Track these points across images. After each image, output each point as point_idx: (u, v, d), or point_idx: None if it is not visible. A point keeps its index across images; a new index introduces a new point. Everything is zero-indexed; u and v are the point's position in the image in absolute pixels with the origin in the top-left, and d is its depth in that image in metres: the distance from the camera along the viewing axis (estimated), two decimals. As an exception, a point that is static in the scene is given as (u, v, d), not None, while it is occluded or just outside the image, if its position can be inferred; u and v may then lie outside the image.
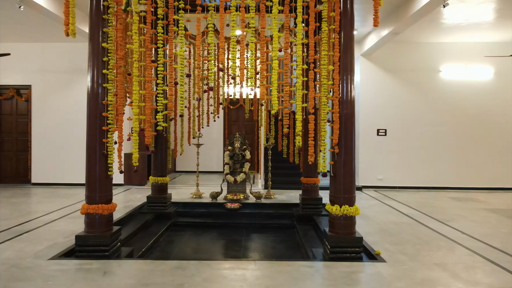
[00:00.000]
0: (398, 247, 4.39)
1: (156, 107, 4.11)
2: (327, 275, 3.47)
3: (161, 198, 6.58)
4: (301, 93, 4.07)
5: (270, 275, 3.48)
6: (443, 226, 5.40)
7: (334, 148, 4.08)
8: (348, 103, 4.10)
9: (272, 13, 4.04)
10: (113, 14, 4.03)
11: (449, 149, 9.07)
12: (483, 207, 6.81)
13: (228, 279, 3.37)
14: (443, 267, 3.72)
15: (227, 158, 7.57)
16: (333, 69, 4.05)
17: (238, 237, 5.92)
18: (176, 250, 5.32)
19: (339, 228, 4.12)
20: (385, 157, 9.16)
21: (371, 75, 9.19)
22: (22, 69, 9.28)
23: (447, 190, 8.85)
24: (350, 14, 4.12)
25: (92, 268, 3.60)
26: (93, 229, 4.12)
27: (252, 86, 4.05)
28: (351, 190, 4.14)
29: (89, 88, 4.09)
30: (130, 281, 3.32)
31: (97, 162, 4.12)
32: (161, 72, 4.09)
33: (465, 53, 9.03)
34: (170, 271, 3.54)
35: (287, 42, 4.07)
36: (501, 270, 3.63)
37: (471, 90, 9.09)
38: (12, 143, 9.58)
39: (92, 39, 4.09)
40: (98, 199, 4.13)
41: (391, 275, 3.49)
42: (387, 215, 6.17)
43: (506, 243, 4.55)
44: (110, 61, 4.05)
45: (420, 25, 7.66)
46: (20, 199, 7.44)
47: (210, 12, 4.12)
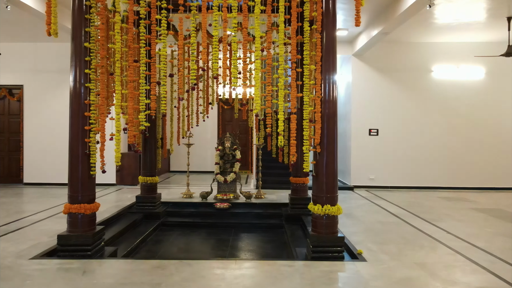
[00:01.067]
0: (381, 246, 4.40)
1: (139, 106, 4.11)
2: (306, 275, 3.47)
3: (150, 198, 6.58)
4: (283, 92, 4.08)
5: (250, 274, 3.49)
6: (429, 225, 5.41)
7: (316, 147, 4.08)
8: (330, 103, 4.11)
9: (255, 13, 4.05)
10: (96, 13, 4.04)
11: (440, 149, 9.09)
12: (471, 207, 6.82)
13: (206, 278, 3.38)
14: (422, 266, 3.72)
15: (217, 158, 7.57)
16: (315, 69, 4.05)
17: (226, 236, 5.92)
18: (163, 249, 5.32)
19: (321, 227, 4.12)
20: (377, 157, 9.16)
21: (363, 75, 9.20)
22: (14, 69, 9.28)
23: (438, 190, 8.86)
24: (332, 14, 4.13)
25: (72, 268, 3.60)
26: (75, 229, 4.11)
27: (234, 86, 4.05)
28: (333, 189, 4.14)
29: (72, 88, 4.09)
30: (108, 280, 3.32)
31: (79, 161, 4.11)
32: (144, 72, 4.09)
33: (457, 53, 9.04)
34: (150, 271, 3.54)
35: (270, 42, 4.07)
36: (480, 270, 3.64)
37: (462, 90, 9.10)
38: (4, 143, 9.58)
39: (74, 38, 4.08)
40: (81, 199, 4.13)
41: (370, 274, 3.50)
42: (375, 214, 6.18)
43: (490, 242, 4.56)
44: (92, 60, 4.05)
45: (411, 25, 7.68)
46: (9, 199, 7.44)
47: (192, 12, 4.12)
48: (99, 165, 4.18)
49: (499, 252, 4.16)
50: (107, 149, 4.21)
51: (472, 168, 9.00)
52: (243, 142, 12.49)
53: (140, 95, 4.09)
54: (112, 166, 9.22)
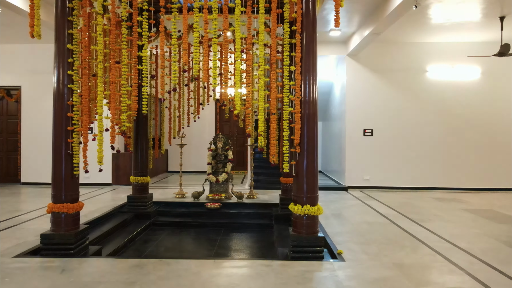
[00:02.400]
0: (363, 246, 4.40)
1: (121, 107, 4.16)
2: (282, 274, 3.49)
3: (142, 198, 6.64)
4: (263, 93, 4.11)
5: (226, 273, 3.51)
6: (416, 226, 5.40)
7: (296, 148, 4.10)
8: (310, 103, 4.13)
9: (235, 14, 4.08)
10: (78, 15, 4.09)
11: (436, 149, 9.05)
12: (463, 208, 6.79)
13: (182, 277, 3.41)
14: (400, 266, 3.73)
15: (210, 158, 7.62)
16: (295, 70, 4.07)
17: (215, 236, 5.96)
18: (150, 249, 5.36)
19: (301, 227, 4.14)
20: (371, 158, 9.15)
21: (357, 75, 9.19)
22: (12, 70, 9.40)
23: (433, 190, 8.83)
24: (312, 15, 4.14)
25: (52, 266, 3.66)
26: (58, 228, 4.18)
27: (214, 86, 4.08)
28: (313, 190, 4.16)
29: (55, 89, 4.15)
30: (85, 279, 3.37)
31: (62, 161, 4.17)
32: (125, 73, 4.14)
33: (451, 53, 9.00)
34: (127, 269, 3.59)
35: (250, 43, 4.10)
36: (457, 270, 3.63)
37: (458, 90, 9.06)
38: (2, 143, 9.71)
39: (57, 40, 4.15)
40: (64, 198, 4.19)
41: (346, 274, 3.51)
42: (364, 215, 6.17)
43: (472, 243, 4.54)
44: (75, 62, 4.11)
45: (405, 25, 7.67)
46: (5, 198, 7.54)
47: (173, 13, 4.17)
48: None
49: (480, 253, 4.15)
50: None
51: (467, 169, 8.96)
52: (240, 142, 12.53)
53: (122, 96, 4.13)
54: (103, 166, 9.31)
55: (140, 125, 6.47)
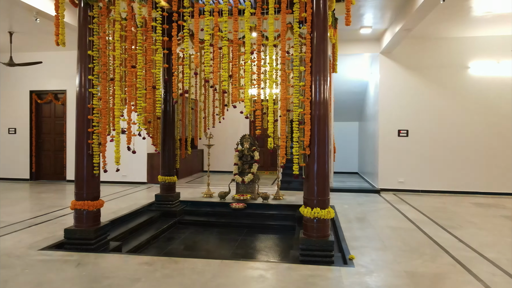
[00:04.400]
0: (378, 253, 4.23)
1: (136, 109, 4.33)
2: (285, 278, 3.45)
3: (169, 197, 6.84)
4: (272, 94, 4.08)
5: (228, 274, 3.54)
6: (443, 233, 5.09)
7: (306, 150, 4.03)
8: (321, 104, 4.04)
9: (244, 16, 4.09)
10: (97, 23, 4.32)
11: (478, 151, 8.46)
12: (503, 214, 6.29)
13: (186, 276, 3.49)
14: (412, 275, 3.54)
15: (236, 159, 7.70)
16: (305, 70, 4.01)
17: (236, 236, 6.01)
18: (171, 247, 5.52)
19: (312, 231, 4.06)
20: (406, 159, 8.75)
21: (391, 74, 8.82)
22: (59, 76, 10.10)
23: (474, 195, 8.26)
24: (323, 14, 4.05)
25: (70, 260, 3.89)
26: (80, 224, 4.44)
27: (225, 88, 4.12)
28: (324, 192, 4.07)
29: (77, 93, 4.42)
30: (95, 273, 3.55)
31: (84, 161, 4.44)
32: (140, 76, 4.31)
33: (497, 48, 8.36)
34: (137, 266, 3.73)
35: (259, 44, 4.09)
36: (474, 282, 3.38)
37: (503, 88, 8.40)
38: (50, 143, 10.47)
39: (80, 46, 4.42)
40: (86, 196, 4.44)
41: (350, 281, 3.40)
42: (389, 219, 5.92)
43: (502, 254, 4.20)
44: (95, 67, 4.34)
45: (442, 19, 7.25)
46: (49, 195, 8.12)
47: (185, 17, 4.26)
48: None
49: (507, 264, 3.83)
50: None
51: (514, 172, 8.28)
52: (274, 143, 12.51)
53: (137, 98, 4.30)
54: (141, 165, 9.70)
55: (168, 126, 6.67)
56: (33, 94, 10.32)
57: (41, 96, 10.34)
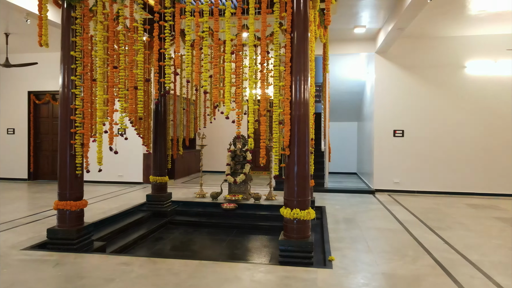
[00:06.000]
0: (359, 254, 4.19)
1: (118, 110, 4.34)
2: (259, 279, 3.43)
3: (160, 197, 6.84)
4: (253, 95, 4.06)
5: (204, 275, 3.52)
6: (430, 234, 5.03)
7: (285, 150, 4.01)
8: (301, 104, 4.01)
9: (225, 16, 4.08)
10: (80, 24, 4.34)
11: (474, 151, 8.36)
12: (496, 216, 6.20)
13: (160, 276, 3.48)
14: (388, 277, 3.49)
15: (229, 159, 7.68)
16: (284, 70, 3.98)
17: (225, 237, 6.00)
18: (158, 247, 5.52)
19: (292, 231, 4.04)
20: (402, 160, 8.67)
21: (386, 73, 8.76)
22: (56, 76, 10.09)
23: (470, 196, 8.16)
24: (303, 14, 4.02)
25: (49, 260, 3.91)
26: (63, 224, 4.45)
27: (206, 89, 4.11)
28: (304, 193, 4.04)
29: (60, 93, 4.44)
30: (71, 273, 3.56)
31: (67, 162, 4.46)
32: (122, 77, 4.31)
33: (494, 47, 8.26)
34: (114, 266, 3.73)
35: (240, 44, 4.08)
36: (451, 284, 3.33)
37: (501, 87, 8.29)
38: (49, 143, 10.56)
39: (63, 47, 4.44)
40: (68, 196, 4.46)
41: (325, 282, 3.36)
42: (378, 221, 5.87)
43: (486, 256, 4.13)
44: (77, 68, 4.36)
45: (438, 18, 7.16)
46: (43, 194, 8.19)
47: (167, 18, 4.26)
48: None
49: (488, 267, 3.77)
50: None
51: (510, 173, 8.16)
52: (272, 143, 12.49)
53: (119, 99, 4.31)
54: (137, 165, 9.73)
55: (159, 126, 6.68)
56: (31, 94, 10.42)
57: (39, 97, 10.43)
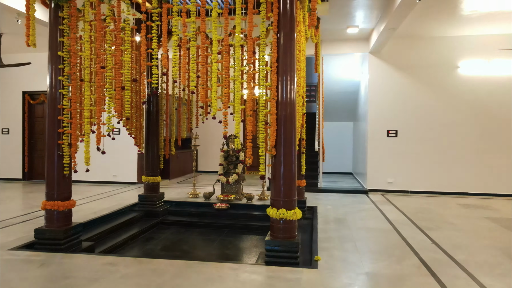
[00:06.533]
0: (346, 254, 4.19)
1: (105, 110, 4.34)
2: (243, 279, 3.43)
3: (152, 197, 6.84)
4: (239, 95, 4.06)
5: (188, 275, 3.53)
6: (419, 234, 5.03)
7: (271, 150, 4.01)
8: (287, 105, 4.01)
9: (212, 16, 4.08)
10: (68, 24, 4.34)
11: (468, 151, 8.36)
12: (487, 216, 6.20)
13: (144, 276, 3.48)
14: (371, 277, 3.50)
15: (222, 159, 7.69)
16: (271, 70, 3.99)
17: (216, 237, 6.00)
18: (148, 247, 5.52)
19: (278, 232, 4.04)
20: (396, 160, 8.67)
21: (380, 73, 8.76)
22: (50, 76, 10.16)
23: (463, 196, 8.17)
24: (289, 14, 4.02)
25: (35, 260, 3.91)
26: (51, 224, 4.45)
27: (193, 89, 4.12)
28: (290, 193, 4.04)
29: (48, 93, 4.44)
30: (56, 273, 3.56)
31: (55, 162, 4.45)
32: (110, 77, 4.31)
33: (488, 47, 8.26)
34: (100, 266, 3.73)
35: (226, 44, 4.08)
36: (433, 284, 3.33)
37: (495, 87, 8.30)
38: (43, 143, 10.52)
39: (50, 47, 4.44)
40: (56, 196, 4.46)
41: (308, 282, 3.36)
42: (369, 221, 5.87)
43: (473, 256, 4.13)
44: (65, 68, 4.36)
45: (431, 18, 7.17)
46: (37, 194, 8.19)
47: (154, 18, 4.27)
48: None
49: (473, 267, 3.77)
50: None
51: (503, 173, 8.17)
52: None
53: (108, 99, 4.31)
54: (132, 165, 9.72)
55: (151, 126, 6.68)
56: (25, 94, 10.42)
57: (34, 97, 10.44)
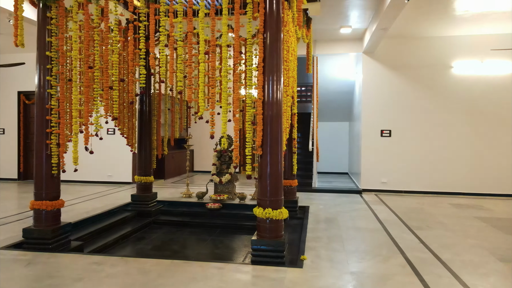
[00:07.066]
0: (333, 253, 4.20)
1: (93, 110, 4.36)
2: (226, 279, 3.44)
3: (144, 197, 6.84)
4: (226, 95, 4.08)
5: (173, 274, 3.54)
6: (408, 234, 5.04)
7: (258, 150, 4.02)
8: (274, 104, 4.02)
9: (199, 16, 4.09)
10: (56, 24, 4.35)
11: (463, 151, 8.37)
12: (478, 216, 6.21)
13: (129, 276, 3.49)
14: (356, 276, 3.51)
15: (215, 159, 7.70)
16: (257, 70, 4.00)
17: (207, 236, 6.01)
18: (139, 246, 5.53)
19: (265, 231, 4.05)
20: (389, 160, 8.68)
21: (374, 73, 8.77)
22: (46, 76, 10.18)
23: (457, 196, 8.19)
24: (276, 14, 4.03)
25: (22, 259, 3.92)
26: (40, 223, 4.47)
27: (180, 89, 4.13)
28: (277, 193, 4.06)
29: (36, 93, 4.45)
30: (41, 272, 3.57)
31: (43, 162, 4.47)
32: (97, 77, 4.33)
33: (481, 47, 8.27)
34: (86, 265, 3.74)
35: (214, 45, 4.09)
36: (416, 283, 3.34)
37: (488, 87, 8.31)
38: (39, 143, 10.55)
39: (39, 47, 4.45)
40: (45, 196, 4.47)
41: (291, 281, 3.38)
42: (359, 220, 5.88)
43: (458, 255, 4.14)
44: (53, 68, 4.38)
45: (424, 18, 7.18)
46: (31, 194, 8.12)
47: (141, 18, 4.28)
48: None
49: (458, 266, 3.78)
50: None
51: (497, 173, 8.18)
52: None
53: (94, 99, 4.33)
54: (126, 165, 9.73)
55: (144, 126, 6.69)
56: (21, 95, 10.44)
57: (29, 97, 10.45)
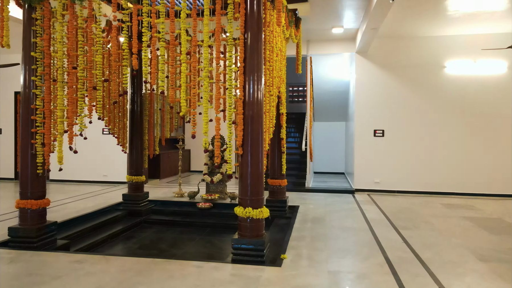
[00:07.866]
0: (314, 253, 4.22)
1: (77, 110, 4.40)
2: (203, 277, 3.46)
3: (136, 196, 6.89)
4: (207, 95, 4.10)
5: (151, 273, 3.57)
6: (393, 233, 5.05)
7: (239, 149, 4.05)
8: (255, 104, 4.05)
9: (180, 17, 4.12)
10: (40, 25, 4.40)
11: (456, 151, 8.35)
12: (467, 215, 6.20)
13: (107, 274, 3.53)
14: (334, 274, 3.53)
15: (206, 159, 7.73)
16: (237, 70, 4.02)
17: (196, 236, 6.04)
18: (127, 245, 5.57)
19: (245, 230, 4.08)
20: (382, 160, 8.68)
21: (367, 73, 8.77)
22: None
23: (449, 195, 8.17)
24: (257, 15, 4.06)
25: (5, 258, 3.97)
26: (25, 222, 4.52)
27: (162, 89, 4.16)
28: (257, 192, 4.08)
29: (22, 93, 4.50)
30: (21, 270, 3.62)
31: (28, 161, 4.52)
32: (82, 77, 4.37)
33: (473, 47, 8.25)
34: (66, 264, 3.78)
35: (195, 45, 4.12)
36: (391, 281, 3.35)
37: (481, 87, 8.29)
38: (35, 143, 10.63)
39: (24, 48, 4.50)
40: (30, 195, 4.52)
41: (268, 280, 3.40)
42: (346, 220, 5.89)
43: (440, 255, 4.14)
44: (38, 68, 4.42)
45: (416, 17, 7.18)
46: (25, 194, 8.24)
47: (124, 19, 4.32)
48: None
49: (437, 266, 3.78)
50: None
51: (489, 173, 8.15)
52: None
53: (78, 99, 4.37)
54: (121, 165, 9.77)
55: (135, 126, 6.73)
56: (17, 95, 10.51)
57: (26, 97, 10.51)
